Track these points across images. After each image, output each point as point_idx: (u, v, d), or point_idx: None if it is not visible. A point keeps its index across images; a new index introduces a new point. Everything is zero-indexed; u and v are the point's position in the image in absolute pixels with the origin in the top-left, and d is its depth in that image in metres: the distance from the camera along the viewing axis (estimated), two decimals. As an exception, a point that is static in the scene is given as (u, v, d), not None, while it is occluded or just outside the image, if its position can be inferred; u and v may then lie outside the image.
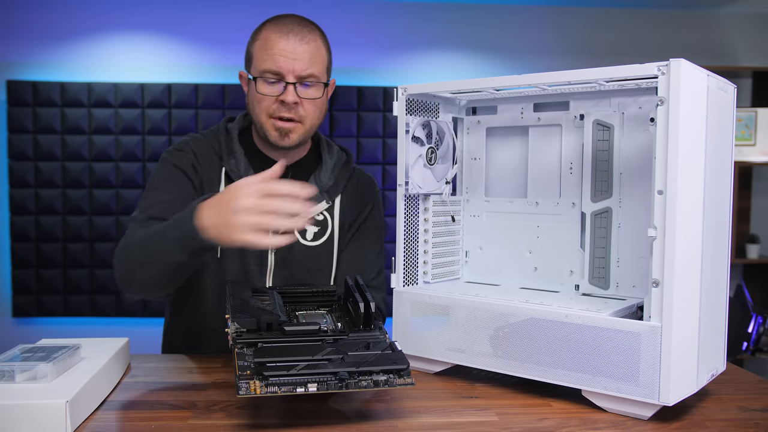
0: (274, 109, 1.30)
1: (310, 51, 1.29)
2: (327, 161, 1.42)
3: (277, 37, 1.28)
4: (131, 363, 1.23)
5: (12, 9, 3.55)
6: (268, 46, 1.28)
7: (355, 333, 1.01)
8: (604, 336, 0.97)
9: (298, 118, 1.30)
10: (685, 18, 3.86)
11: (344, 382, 0.89)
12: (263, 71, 1.28)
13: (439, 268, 1.31)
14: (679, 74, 0.90)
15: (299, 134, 1.32)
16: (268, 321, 0.98)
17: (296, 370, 0.89)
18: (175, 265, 1.10)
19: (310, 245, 1.38)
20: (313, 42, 1.30)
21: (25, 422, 0.84)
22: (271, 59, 1.27)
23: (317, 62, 1.30)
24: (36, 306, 3.50)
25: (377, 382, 0.90)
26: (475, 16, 3.78)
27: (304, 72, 1.28)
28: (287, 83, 1.27)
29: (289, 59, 1.27)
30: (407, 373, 0.92)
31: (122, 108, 3.49)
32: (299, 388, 0.88)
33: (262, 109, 1.31)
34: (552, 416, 0.97)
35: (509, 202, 1.30)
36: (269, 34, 1.29)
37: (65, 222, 3.49)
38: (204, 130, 1.44)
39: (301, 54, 1.28)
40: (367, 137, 3.61)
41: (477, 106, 1.34)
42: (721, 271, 1.07)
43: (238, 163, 1.35)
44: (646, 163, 1.12)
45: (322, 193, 1.38)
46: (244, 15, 3.58)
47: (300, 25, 1.30)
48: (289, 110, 1.29)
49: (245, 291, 1.11)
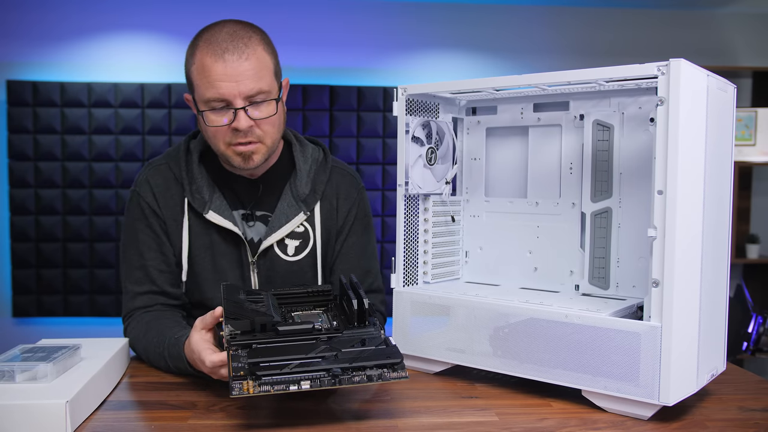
0: (230, 137, 1.21)
1: (253, 66, 1.18)
2: (301, 167, 1.35)
3: (212, 61, 1.17)
4: (131, 363, 1.23)
5: (12, 9, 3.55)
6: (207, 73, 1.17)
7: (349, 330, 1.01)
8: (604, 336, 0.97)
9: (257, 139, 1.22)
10: (685, 18, 3.86)
11: (337, 378, 0.89)
12: (208, 100, 1.19)
13: (439, 268, 1.31)
14: (679, 74, 0.90)
15: (262, 154, 1.25)
16: (262, 322, 0.98)
17: (289, 368, 0.89)
18: (178, 371, 1.18)
19: (293, 260, 1.33)
20: (252, 55, 1.18)
21: (25, 422, 0.85)
22: (212, 86, 1.17)
23: (263, 75, 1.19)
24: (36, 306, 3.50)
25: (370, 376, 0.90)
26: (475, 16, 3.78)
27: (251, 91, 1.18)
28: (236, 109, 1.18)
29: (231, 83, 1.16)
30: (401, 366, 0.92)
31: (122, 108, 3.49)
32: (292, 386, 0.88)
33: (219, 140, 1.22)
34: (552, 416, 0.97)
35: (509, 202, 1.30)
36: (204, 58, 1.18)
37: (65, 222, 3.49)
38: (168, 149, 1.38)
39: (243, 72, 1.17)
40: (367, 137, 3.61)
41: (477, 106, 1.34)
42: (721, 271, 1.07)
43: (200, 189, 1.30)
44: (646, 163, 1.12)
45: (299, 203, 1.33)
46: (244, 15, 3.57)
47: (235, 40, 1.18)
48: (246, 135, 1.21)
49: (239, 294, 1.11)
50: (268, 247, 1.31)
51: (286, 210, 1.32)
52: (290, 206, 1.32)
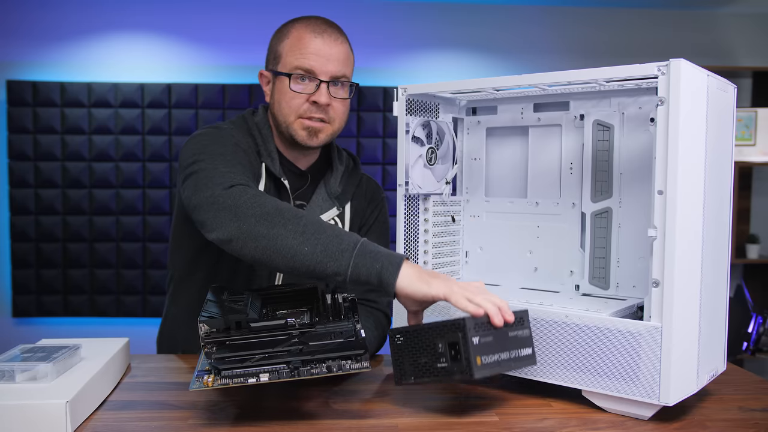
0: (305, 109, 1.28)
1: (344, 51, 1.30)
2: (338, 168, 1.41)
3: (311, 36, 1.27)
4: (131, 363, 1.23)
5: (12, 9, 3.55)
6: (302, 45, 1.27)
7: (322, 325, 1.01)
8: (604, 336, 0.97)
9: (327, 119, 1.30)
10: (685, 18, 3.87)
11: (297, 370, 0.90)
12: (295, 68, 1.27)
13: (439, 268, 1.31)
14: (679, 74, 0.90)
15: (327, 134, 1.32)
16: (236, 320, 0.98)
17: (251, 362, 0.90)
18: (323, 265, 0.99)
19: None
20: (344, 43, 1.31)
21: (25, 422, 0.84)
22: (304, 57, 1.26)
23: (348, 63, 1.32)
24: (36, 306, 3.50)
25: (330, 367, 0.90)
26: (475, 16, 3.78)
27: (338, 72, 1.28)
28: (321, 82, 1.26)
29: (323, 59, 1.26)
30: (365, 358, 0.91)
31: (122, 108, 3.49)
32: (251, 378, 0.89)
33: (292, 109, 1.28)
34: (552, 416, 0.97)
35: (509, 202, 1.30)
36: (302, 33, 1.28)
37: (65, 222, 3.49)
38: (223, 122, 1.36)
39: (335, 54, 1.28)
40: (367, 137, 3.61)
41: (477, 107, 1.34)
42: (721, 271, 1.07)
43: (274, 164, 1.32)
44: (646, 163, 1.12)
45: (332, 199, 1.38)
46: (245, 15, 3.58)
47: (331, 27, 1.31)
48: (320, 111, 1.28)
49: (222, 294, 1.11)
50: None
51: (321, 203, 1.37)
52: (324, 200, 1.38)
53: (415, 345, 0.96)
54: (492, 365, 0.92)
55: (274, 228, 1.01)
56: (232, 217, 1.03)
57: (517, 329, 0.97)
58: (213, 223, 1.06)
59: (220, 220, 1.05)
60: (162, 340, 1.46)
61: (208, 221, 1.07)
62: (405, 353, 0.97)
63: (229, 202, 1.05)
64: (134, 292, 3.53)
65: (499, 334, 0.94)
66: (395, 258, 0.99)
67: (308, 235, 1.00)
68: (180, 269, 1.42)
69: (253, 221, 1.02)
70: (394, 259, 0.99)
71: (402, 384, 0.97)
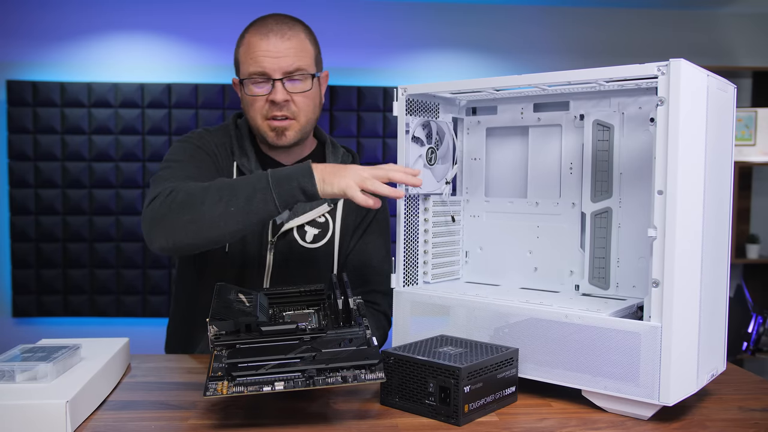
0: (267, 110, 1.31)
1: (294, 46, 1.30)
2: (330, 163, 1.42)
3: (258, 39, 1.29)
4: (131, 363, 1.23)
5: (12, 9, 3.55)
6: (252, 49, 1.30)
7: (333, 330, 1.01)
8: (604, 336, 0.97)
9: (291, 116, 1.32)
10: (685, 18, 3.87)
11: (312, 379, 0.89)
12: (250, 74, 1.30)
13: (439, 268, 1.31)
14: (679, 74, 0.90)
15: (295, 131, 1.33)
16: (246, 322, 0.98)
17: (265, 369, 0.89)
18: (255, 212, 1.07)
19: (310, 247, 1.38)
20: (295, 37, 1.31)
21: (25, 422, 0.84)
22: (254, 61, 1.29)
23: (303, 55, 1.31)
24: (36, 306, 3.50)
25: (345, 377, 0.89)
26: (475, 16, 3.78)
27: (290, 67, 1.29)
28: (274, 80, 1.28)
29: (271, 58, 1.28)
30: (379, 368, 0.91)
31: (122, 108, 3.49)
32: (266, 387, 0.87)
33: (256, 112, 1.32)
34: (552, 416, 0.97)
35: (509, 202, 1.30)
36: (250, 38, 1.31)
37: (65, 222, 3.49)
38: (211, 127, 1.43)
39: (284, 51, 1.29)
40: (367, 137, 3.61)
41: (477, 107, 1.34)
42: (721, 271, 1.07)
43: (249, 162, 1.36)
44: (646, 163, 1.12)
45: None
46: (244, 15, 3.57)
47: (279, 23, 1.31)
48: (281, 108, 1.30)
49: (231, 293, 1.11)
50: (288, 230, 1.35)
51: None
52: None
53: (407, 374, 0.97)
54: (477, 410, 0.94)
55: (194, 210, 1.08)
56: (156, 226, 1.11)
57: (505, 370, 1.00)
58: (148, 238, 1.14)
59: (151, 235, 1.13)
60: (168, 339, 1.50)
61: (146, 238, 1.15)
62: (395, 377, 0.98)
63: (150, 215, 1.12)
64: (134, 292, 3.53)
65: (489, 378, 0.96)
66: (305, 169, 1.08)
67: (225, 197, 1.07)
68: (179, 270, 1.45)
69: (173, 216, 1.09)
70: (305, 170, 1.08)
71: (386, 405, 0.99)
